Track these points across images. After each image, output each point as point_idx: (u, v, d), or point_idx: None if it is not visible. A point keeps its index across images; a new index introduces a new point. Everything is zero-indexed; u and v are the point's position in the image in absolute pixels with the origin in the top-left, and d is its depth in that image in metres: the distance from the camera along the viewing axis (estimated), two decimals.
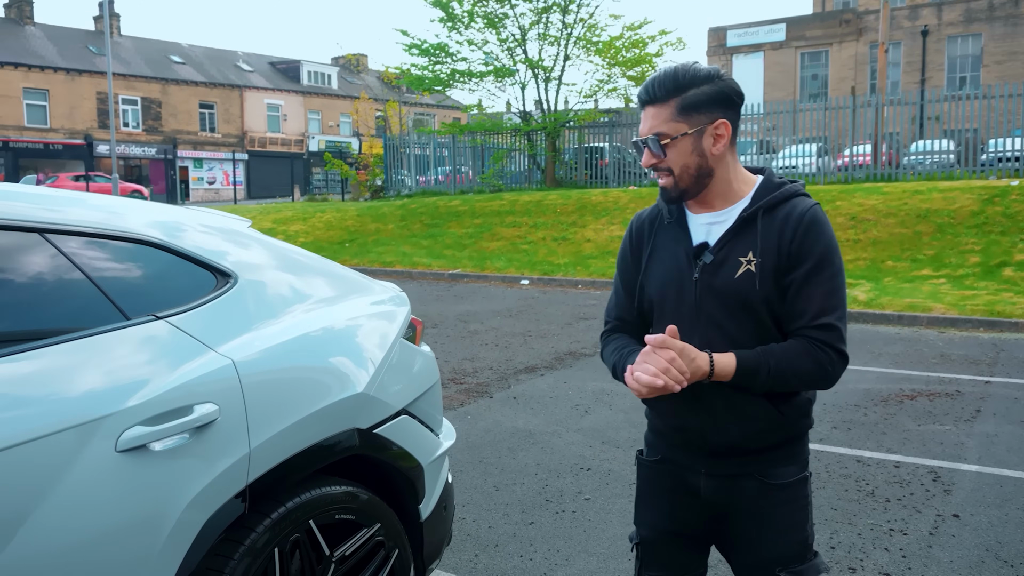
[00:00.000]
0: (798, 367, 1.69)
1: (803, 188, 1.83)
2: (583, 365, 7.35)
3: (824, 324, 1.70)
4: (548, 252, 15.09)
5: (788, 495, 1.80)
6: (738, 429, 1.77)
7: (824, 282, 1.71)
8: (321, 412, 2.22)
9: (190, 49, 46.84)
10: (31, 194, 2.06)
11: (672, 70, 1.75)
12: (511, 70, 20.72)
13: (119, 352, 1.92)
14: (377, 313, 2.58)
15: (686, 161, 1.76)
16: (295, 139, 49.06)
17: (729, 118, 1.76)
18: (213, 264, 2.24)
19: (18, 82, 36.70)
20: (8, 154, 36.31)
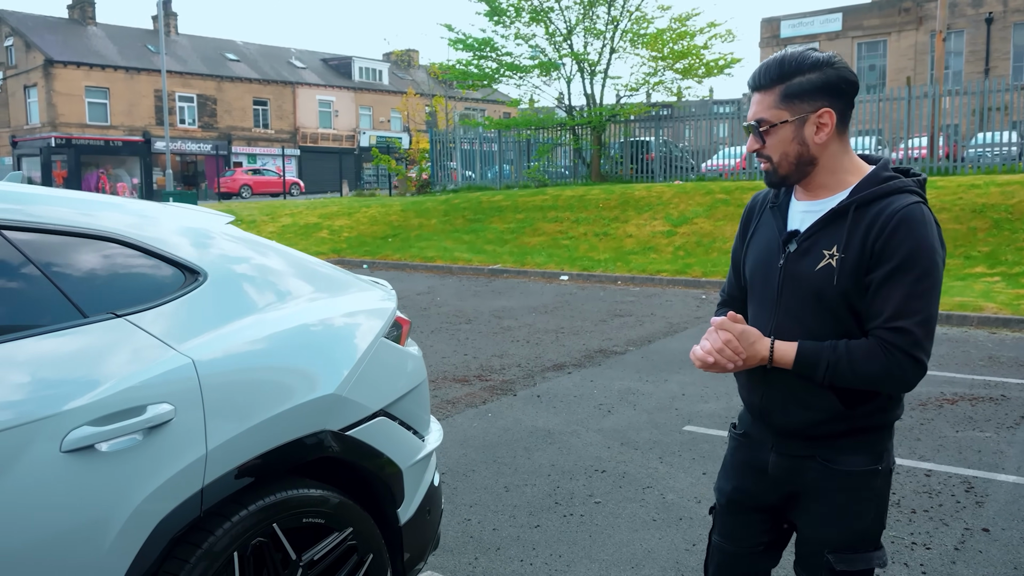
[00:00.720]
0: (861, 368, 1.69)
1: (915, 184, 1.77)
2: (612, 363, 7.22)
3: (898, 327, 1.67)
4: (589, 247, 14.93)
5: (852, 483, 1.81)
6: (800, 415, 1.82)
7: (906, 284, 1.67)
8: (287, 413, 2.17)
9: (244, 47, 47.70)
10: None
11: (780, 57, 1.76)
12: (556, 64, 20.56)
13: (72, 351, 1.89)
14: (355, 312, 2.52)
15: (786, 149, 1.77)
16: (346, 135, 49.60)
17: (836, 107, 1.74)
18: (181, 261, 2.20)
19: (80, 81, 37.83)
20: (71, 151, 37.47)
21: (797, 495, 1.89)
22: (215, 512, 2.03)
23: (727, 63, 20.26)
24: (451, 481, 4.42)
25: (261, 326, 2.23)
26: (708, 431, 5.18)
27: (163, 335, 2.03)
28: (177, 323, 2.09)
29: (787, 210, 1.87)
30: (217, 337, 2.13)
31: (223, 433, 2.03)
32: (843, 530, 1.83)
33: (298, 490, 2.20)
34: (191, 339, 2.08)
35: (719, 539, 2.06)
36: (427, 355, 7.65)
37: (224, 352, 2.10)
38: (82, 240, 2.06)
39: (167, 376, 1.97)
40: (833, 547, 1.84)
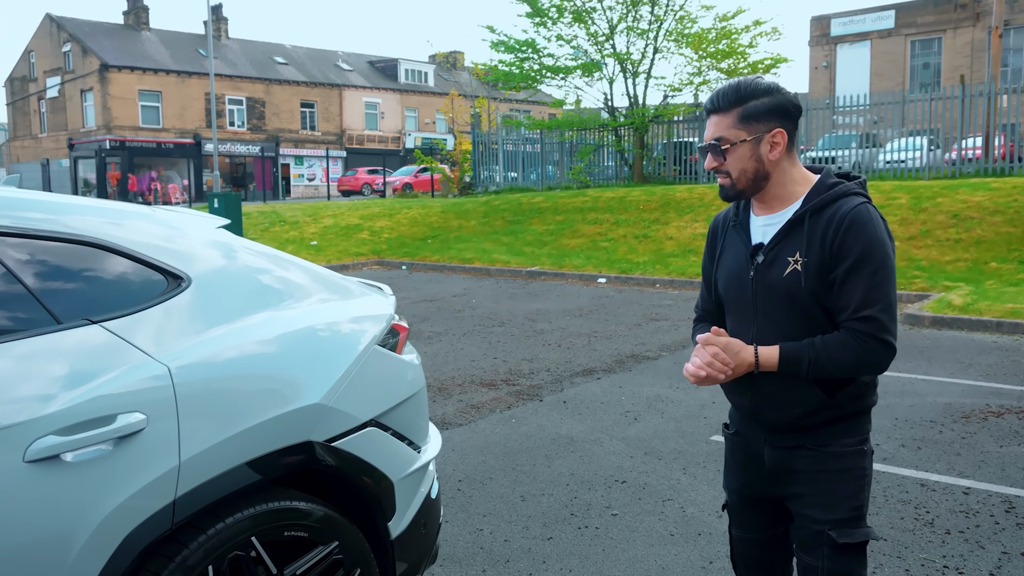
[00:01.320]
0: (838, 357, 1.85)
1: (857, 187, 1.94)
2: (643, 369, 7.06)
3: (865, 316, 1.83)
4: (628, 250, 14.73)
5: (843, 464, 1.96)
6: (789, 410, 1.96)
7: (865, 277, 1.83)
8: (268, 423, 2.10)
9: (293, 50, 48.38)
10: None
11: (736, 83, 1.93)
12: (598, 64, 20.37)
13: (42, 358, 1.85)
14: (346, 319, 2.44)
15: (744, 165, 1.94)
16: (392, 136, 49.97)
17: (786, 127, 1.92)
18: (163, 266, 2.15)
19: (134, 85, 38.76)
20: (124, 153, 38.42)
21: (792, 483, 2.02)
22: (189, 524, 1.97)
23: (774, 62, 19.86)
24: (467, 489, 4.34)
25: (243, 333, 2.17)
26: None
27: (139, 342, 1.98)
28: (155, 329, 2.03)
29: (748, 226, 2.05)
30: (196, 344, 2.07)
31: (198, 443, 1.97)
32: (840, 508, 1.96)
33: (279, 502, 2.13)
34: (169, 346, 2.02)
35: (739, 531, 2.21)
36: (456, 358, 7.59)
37: (202, 359, 2.05)
38: (59, 244, 2.02)
39: (140, 384, 1.91)
40: (832, 524, 1.96)
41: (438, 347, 8.15)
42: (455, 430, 5.42)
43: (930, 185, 14.17)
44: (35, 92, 43.61)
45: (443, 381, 6.77)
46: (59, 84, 40.84)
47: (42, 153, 43.27)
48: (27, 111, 44.88)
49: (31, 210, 2.04)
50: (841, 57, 33.15)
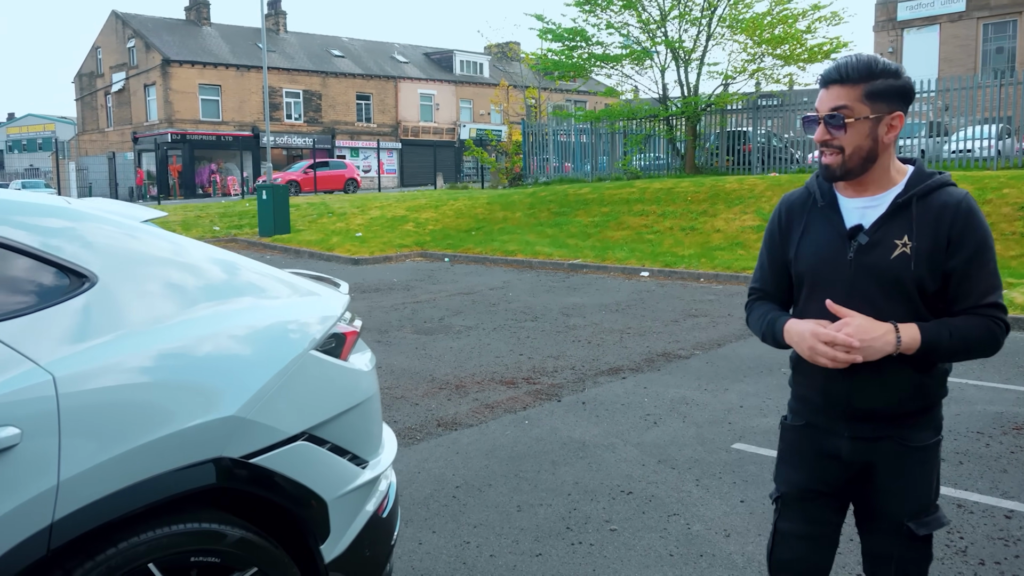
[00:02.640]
0: (975, 336, 1.86)
1: (951, 179, 1.95)
2: (672, 369, 6.72)
3: (991, 303, 1.88)
4: (674, 243, 14.29)
5: (923, 456, 1.99)
6: (882, 396, 1.94)
7: (986, 265, 1.88)
8: (170, 438, 1.89)
9: (349, 43, 48.76)
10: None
11: (867, 58, 1.90)
12: (648, 52, 19.84)
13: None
14: (277, 322, 2.22)
15: (860, 143, 1.90)
16: (447, 128, 50.03)
17: (904, 112, 1.92)
18: (67, 264, 1.96)
19: (195, 79, 39.56)
20: (185, 146, 39.26)
21: (869, 475, 2.02)
22: (74, 550, 1.78)
23: (833, 47, 19.04)
24: (463, 496, 4.11)
25: (150, 338, 1.96)
26: (759, 450, 4.65)
27: (26, 347, 1.79)
28: (47, 334, 1.84)
29: (838, 208, 2.00)
30: (92, 350, 1.87)
31: (82, 461, 1.77)
32: (919, 499, 1.99)
33: (184, 525, 1.93)
34: (60, 353, 1.83)
35: (790, 526, 2.13)
36: (481, 354, 7.36)
37: (96, 368, 1.85)
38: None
39: (17, 396, 1.72)
40: (911, 515, 1.99)
41: (465, 342, 7.93)
42: (463, 431, 5.19)
43: (996, 175, 13.35)
44: (102, 87, 44.90)
45: (462, 378, 6.55)
46: (124, 79, 41.95)
47: (108, 147, 44.55)
48: (95, 106, 46.26)
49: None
50: (908, 42, 31.77)
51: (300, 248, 17.12)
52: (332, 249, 16.72)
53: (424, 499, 4.09)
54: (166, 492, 1.89)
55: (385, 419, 5.55)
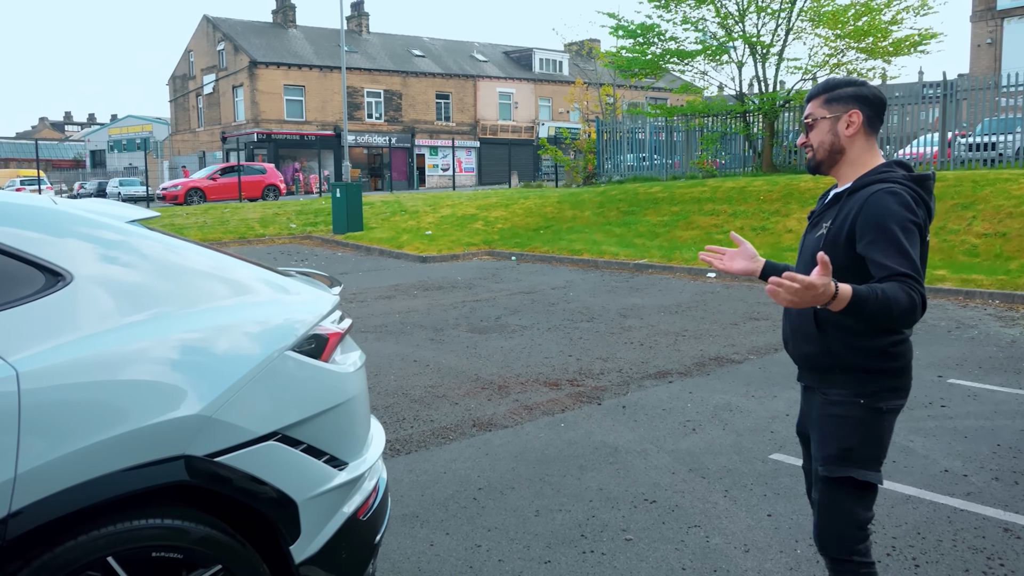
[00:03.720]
0: (897, 297, 2.03)
1: (899, 175, 2.22)
2: (723, 374, 6.52)
3: (903, 272, 2.08)
4: None
5: (838, 411, 2.28)
6: (802, 347, 2.36)
7: (890, 246, 2.11)
8: (131, 435, 1.92)
9: (430, 42, 49.37)
10: None
11: (828, 79, 2.36)
12: (724, 48, 19.37)
13: None
14: (250, 322, 2.22)
15: (823, 139, 2.33)
16: (525, 126, 50.12)
17: (864, 112, 2.28)
18: (42, 262, 2.01)
19: (280, 80, 40.77)
20: (270, 145, 40.51)
21: (809, 423, 2.42)
22: (33, 541, 1.82)
23: (922, 39, 18.18)
24: (483, 499, 4.07)
25: (121, 336, 2.00)
26: (798, 462, 4.45)
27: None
28: (17, 330, 1.89)
29: (825, 197, 2.42)
30: (62, 347, 1.91)
31: (42, 455, 1.81)
32: (832, 448, 2.28)
33: (145, 520, 1.95)
34: (29, 349, 1.88)
35: (803, 462, 2.59)
36: (530, 354, 7.32)
37: (62, 364, 1.89)
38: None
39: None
40: (823, 460, 2.30)
41: (516, 342, 7.90)
42: (497, 432, 5.15)
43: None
44: (193, 89, 46.77)
45: (506, 378, 6.52)
46: (214, 81, 43.58)
47: (199, 146, 46.36)
48: (187, 107, 48.23)
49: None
50: (1009, 33, 30.04)
51: (371, 245, 17.40)
52: (401, 247, 16.94)
53: (444, 500, 4.07)
54: (125, 488, 1.91)
55: (423, 418, 5.59)
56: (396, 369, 6.92)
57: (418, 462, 4.64)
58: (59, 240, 2.08)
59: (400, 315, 9.71)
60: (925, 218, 2.20)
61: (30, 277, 1.99)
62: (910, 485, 4.08)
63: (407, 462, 4.65)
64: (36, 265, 2.00)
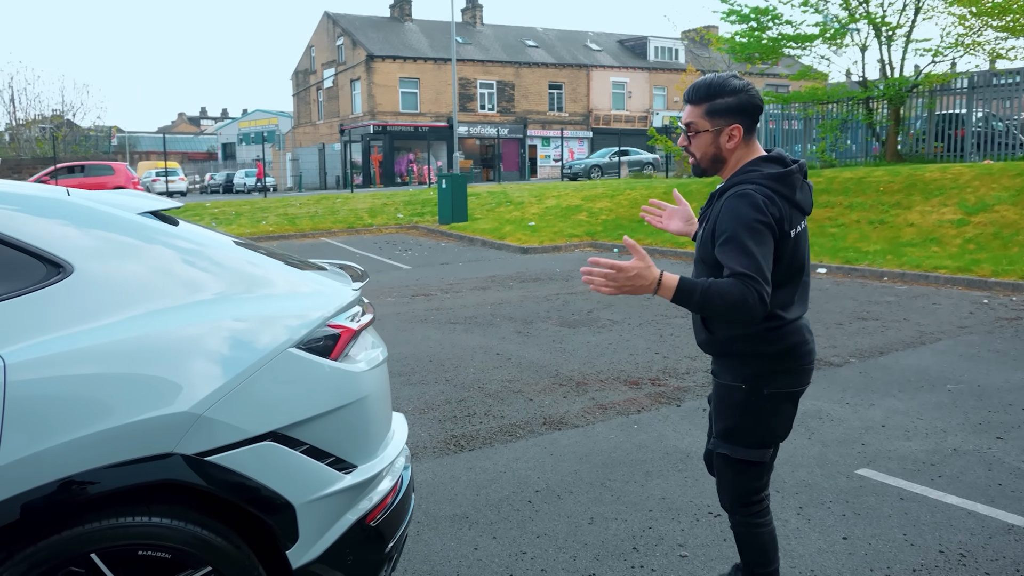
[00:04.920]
0: (728, 292, 2.17)
1: (759, 176, 2.34)
2: (817, 377, 6.09)
3: (742, 272, 2.19)
4: (859, 237, 13.08)
5: (723, 392, 2.51)
6: (697, 337, 2.55)
7: (736, 247, 2.23)
8: (119, 430, 1.88)
9: (544, 33, 49.25)
10: None
11: (710, 80, 2.38)
12: (846, 30, 18.27)
13: None
14: (251, 319, 2.14)
15: (705, 150, 2.43)
16: (639, 115, 49.28)
17: (744, 124, 2.38)
18: (43, 253, 2.00)
19: (395, 73, 41.68)
20: (386, 137, 41.50)
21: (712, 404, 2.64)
22: (16, 534, 1.80)
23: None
24: (538, 502, 3.91)
25: (115, 330, 1.96)
26: (888, 479, 4.07)
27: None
28: (12, 320, 1.88)
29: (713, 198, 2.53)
30: (56, 338, 1.88)
31: (23, 448, 1.79)
32: (719, 424, 2.54)
33: (132, 518, 1.91)
34: (20, 340, 1.86)
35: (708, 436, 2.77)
36: (616, 351, 7.08)
37: (52, 356, 1.86)
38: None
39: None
40: (716, 433, 2.56)
41: (603, 337, 7.68)
42: (566, 432, 4.98)
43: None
44: (314, 83, 48.48)
45: (587, 375, 6.32)
46: (333, 75, 45.01)
47: (319, 138, 48.05)
48: (308, 101, 50.06)
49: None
50: None
51: (473, 236, 17.49)
52: (504, 238, 16.93)
53: (498, 501, 3.94)
54: (109, 485, 1.87)
55: (494, 414, 5.48)
56: (477, 362, 6.84)
57: (480, 460, 4.53)
58: (63, 231, 2.06)
59: (492, 307, 9.65)
60: (782, 214, 2.28)
61: (31, 268, 1.98)
62: (1015, 513, 3.64)
63: (469, 459, 4.55)
64: (38, 256, 1.99)
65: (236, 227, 19.16)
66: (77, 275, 2.00)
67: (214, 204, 24.32)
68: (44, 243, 2.01)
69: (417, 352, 7.26)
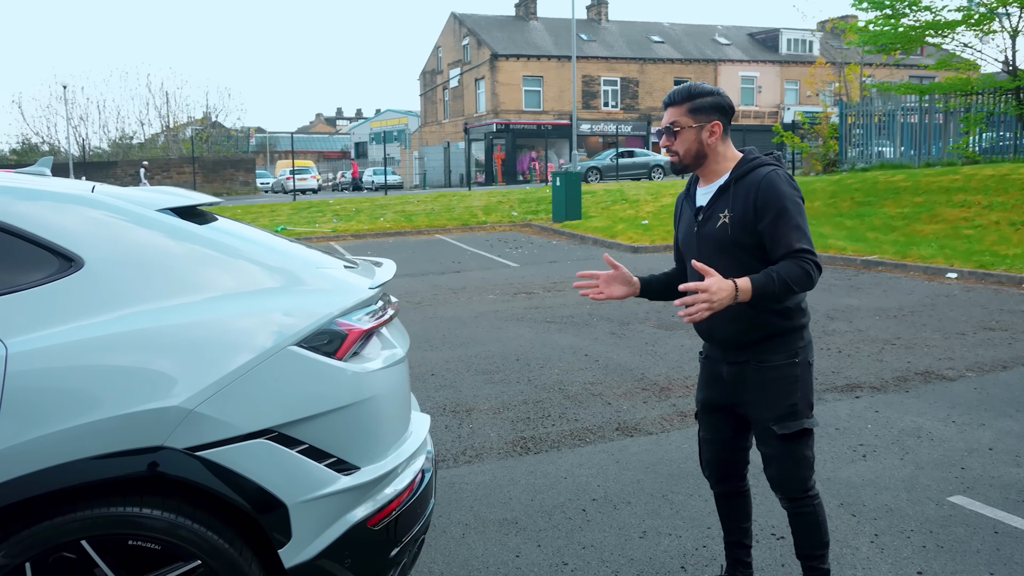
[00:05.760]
0: (793, 275, 2.37)
1: (770, 160, 2.57)
2: (926, 392, 5.62)
3: (799, 249, 2.40)
4: (997, 239, 12.03)
5: (778, 374, 2.57)
6: (730, 328, 2.58)
7: (788, 222, 2.42)
8: (108, 422, 1.92)
9: (670, 28, 48.28)
10: None
11: (687, 85, 2.61)
12: (991, 15, 16.85)
13: None
14: (251, 317, 2.14)
15: (689, 146, 2.59)
16: (768, 111, 47.50)
17: (722, 121, 2.57)
18: (56, 247, 2.07)
19: (519, 71, 41.96)
20: (508, 135, 41.87)
21: (744, 392, 2.64)
22: (10, 517, 1.87)
23: None
24: (593, 511, 3.78)
25: (117, 324, 2.01)
26: (984, 510, 3.67)
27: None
28: (23, 312, 1.95)
29: (695, 197, 2.71)
30: (58, 332, 1.95)
31: (15, 435, 1.85)
32: (778, 407, 2.57)
33: (123, 508, 1.95)
34: (26, 331, 1.93)
35: (705, 434, 2.86)
36: None
37: (52, 347, 1.92)
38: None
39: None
40: (774, 420, 2.58)
41: (699, 342, 7.39)
42: (638, 439, 4.80)
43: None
44: (440, 83, 49.52)
45: (673, 380, 6.10)
46: (459, 75, 45.82)
47: (444, 137, 49.06)
48: (434, 100, 51.20)
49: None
50: None
51: (585, 234, 17.33)
52: (615, 236, 16.69)
53: (551, 508, 3.83)
54: (101, 474, 1.92)
55: (568, 416, 5.36)
56: (564, 362, 6.74)
57: (543, 464, 4.44)
58: (79, 227, 2.13)
59: (592, 306, 9.51)
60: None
61: (45, 261, 2.05)
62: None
63: (532, 463, 4.46)
64: (52, 250, 2.06)
65: (355, 223, 19.82)
66: (88, 269, 2.06)
67: (336, 201, 25.26)
68: (59, 237, 2.08)
69: (506, 351, 7.23)
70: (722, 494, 2.90)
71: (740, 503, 2.90)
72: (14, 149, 42.09)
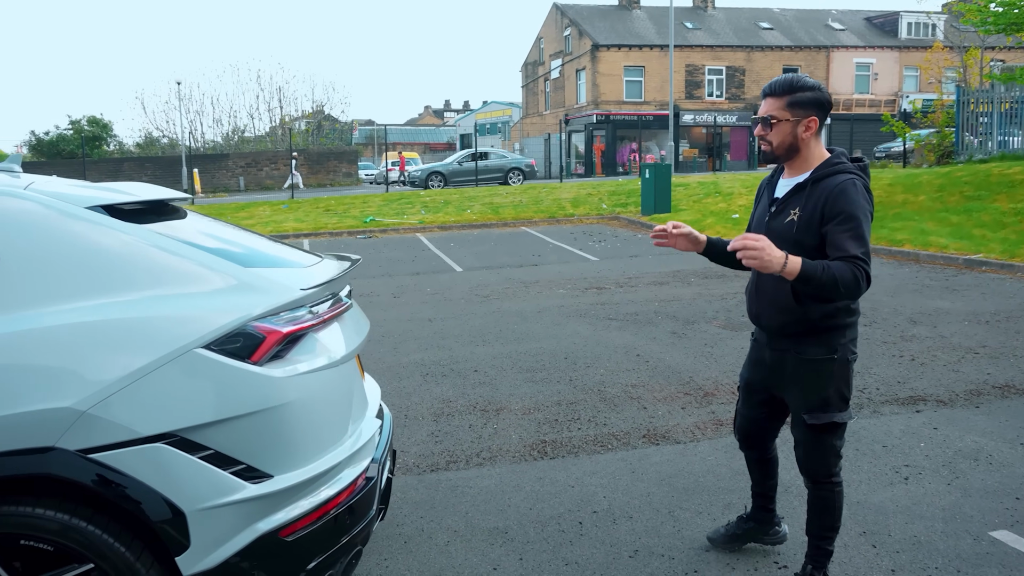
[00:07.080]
0: (841, 274, 2.47)
1: (853, 167, 2.68)
2: (999, 407, 5.10)
3: (854, 255, 2.51)
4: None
5: (815, 367, 2.74)
6: (776, 317, 2.77)
7: (849, 230, 2.54)
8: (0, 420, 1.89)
9: (781, 13, 46.41)
10: None
11: (788, 77, 2.67)
12: None
13: None
14: (154, 318, 2.08)
15: (783, 139, 2.69)
16: (885, 99, 44.99)
17: (820, 118, 2.69)
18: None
19: (620, 61, 41.29)
20: (608, 126, 41.31)
21: (782, 379, 2.84)
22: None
23: None
24: (589, 525, 3.59)
25: (12, 322, 1.99)
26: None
27: None
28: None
29: (776, 186, 2.85)
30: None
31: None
32: (811, 398, 2.76)
33: (15, 507, 1.93)
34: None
35: (743, 409, 3.10)
36: None
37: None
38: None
39: None
40: (807, 410, 2.77)
41: None
42: (664, 448, 4.56)
43: None
44: (542, 74, 49.34)
45: (720, 384, 5.79)
46: (560, 66, 45.53)
47: (545, 128, 48.88)
48: (536, 91, 51.08)
49: None
50: None
51: None
52: (703, 230, 15.96)
53: (547, 519, 3.67)
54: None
55: (599, 420, 5.16)
56: (612, 363, 6.52)
57: (554, 470, 4.27)
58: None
59: (660, 303, 9.22)
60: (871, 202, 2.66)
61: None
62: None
63: (543, 468, 4.30)
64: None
65: (442, 215, 19.98)
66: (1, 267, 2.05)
67: (427, 193, 25.54)
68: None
69: (556, 349, 7.06)
70: (749, 458, 3.19)
71: (765, 467, 3.17)
72: (138, 143, 44.68)
